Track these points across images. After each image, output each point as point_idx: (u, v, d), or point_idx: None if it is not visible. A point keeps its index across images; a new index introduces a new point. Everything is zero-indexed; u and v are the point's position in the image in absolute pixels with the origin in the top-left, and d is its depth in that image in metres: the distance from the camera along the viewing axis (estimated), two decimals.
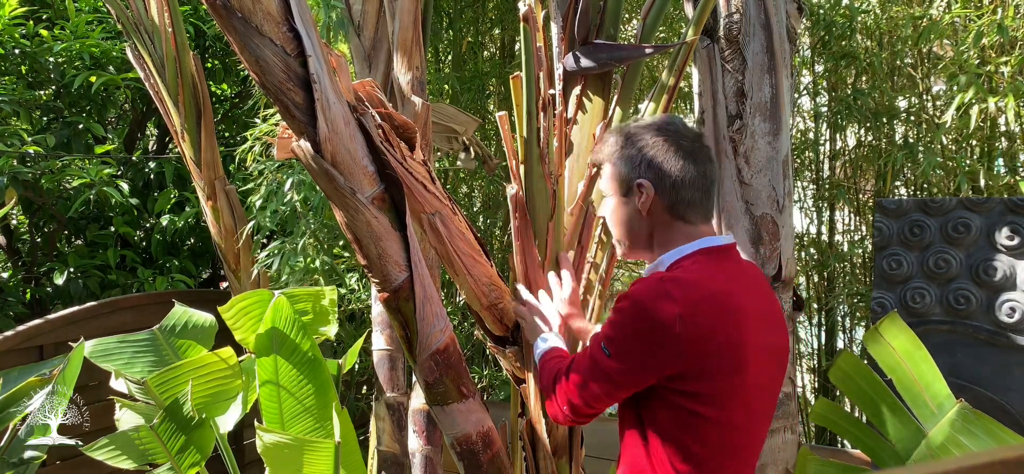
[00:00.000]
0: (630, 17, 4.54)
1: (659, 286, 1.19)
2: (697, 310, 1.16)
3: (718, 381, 1.19)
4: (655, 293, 1.18)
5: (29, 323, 2.97)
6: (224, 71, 4.61)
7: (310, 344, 2.04)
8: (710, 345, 1.17)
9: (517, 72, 1.55)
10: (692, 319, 1.15)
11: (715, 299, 1.19)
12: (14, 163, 3.43)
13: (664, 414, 1.23)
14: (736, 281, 1.26)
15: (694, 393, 1.19)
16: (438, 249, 1.58)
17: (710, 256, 1.27)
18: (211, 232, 3.43)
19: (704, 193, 1.29)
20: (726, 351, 1.18)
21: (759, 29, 2.18)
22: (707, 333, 1.17)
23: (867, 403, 1.82)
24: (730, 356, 1.19)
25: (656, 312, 1.16)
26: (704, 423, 1.20)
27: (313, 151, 1.30)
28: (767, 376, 1.28)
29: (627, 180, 1.31)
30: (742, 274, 1.29)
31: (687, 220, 1.29)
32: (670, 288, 1.17)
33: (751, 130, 2.19)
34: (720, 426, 1.21)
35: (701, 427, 1.21)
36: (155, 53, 3.20)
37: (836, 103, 3.78)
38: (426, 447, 2.67)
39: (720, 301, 1.19)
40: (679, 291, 1.17)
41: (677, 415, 1.22)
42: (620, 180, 1.32)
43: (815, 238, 4.13)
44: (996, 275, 2.40)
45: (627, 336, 1.21)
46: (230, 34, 1.20)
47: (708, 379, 1.18)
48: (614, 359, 1.23)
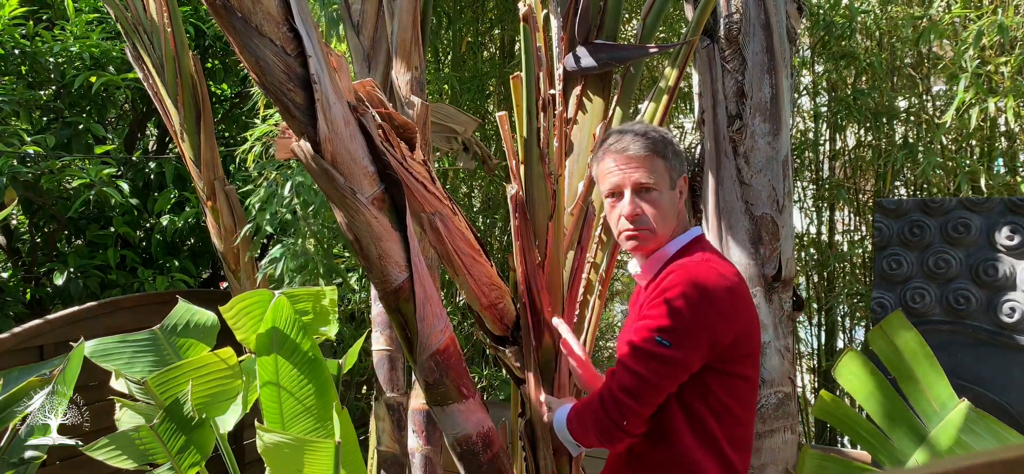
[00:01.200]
0: (630, 17, 4.53)
1: (707, 267, 1.33)
2: (739, 280, 1.35)
3: (755, 342, 1.38)
4: (709, 274, 1.32)
5: (29, 323, 2.97)
6: (224, 71, 4.61)
7: (310, 344, 2.04)
8: (751, 311, 1.37)
9: (517, 72, 1.55)
10: (739, 289, 1.34)
11: (734, 273, 1.37)
12: (14, 163, 3.43)
13: (717, 387, 1.35)
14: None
15: (746, 355, 1.36)
16: (438, 249, 1.58)
17: (704, 241, 1.46)
18: (211, 232, 3.43)
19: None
20: (754, 316, 1.39)
21: (759, 29, 2.18)
22: (748, 299, 1.36)
23: (870, 401, 1.82)
24: (756, 320, 1.40)
25: (716, 289, 1.30)
26: (745, 384, 1.37)
27: (313, 151, 1.30)
28: None
29: (679, 172, 1.46)
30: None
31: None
32: (717, 266, 1.34)
33: (751, 130, 2.19)
34: (752, 384, 1.40)
35: (742, 389, 1.37)
36: (154, 53, 3.20)
37: (836, 103, 3.78)
38: (426, 447, 2.67)
39: (736, 273, 1.38)
40: (723, 267, 1.35)
41: (729, 384, 1.35)
42: (667, 171, 1.44)
43: (815, 238, 4.13)
44: (996, 275, 2.40)
45: (690, 318, 1.30)
46: (230, 34, 1.20)
47: (751, 342, 1.36)
48: (677, 346, 1.30)
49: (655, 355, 1.30)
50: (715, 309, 1.29)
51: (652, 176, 1.42)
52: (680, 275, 1.30)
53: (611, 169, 1.44)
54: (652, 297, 1.35)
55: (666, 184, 1.43)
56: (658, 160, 1.42)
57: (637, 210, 1.41)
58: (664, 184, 1.43)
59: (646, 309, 1.36)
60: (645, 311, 1.36)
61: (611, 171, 1.44)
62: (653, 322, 1.31)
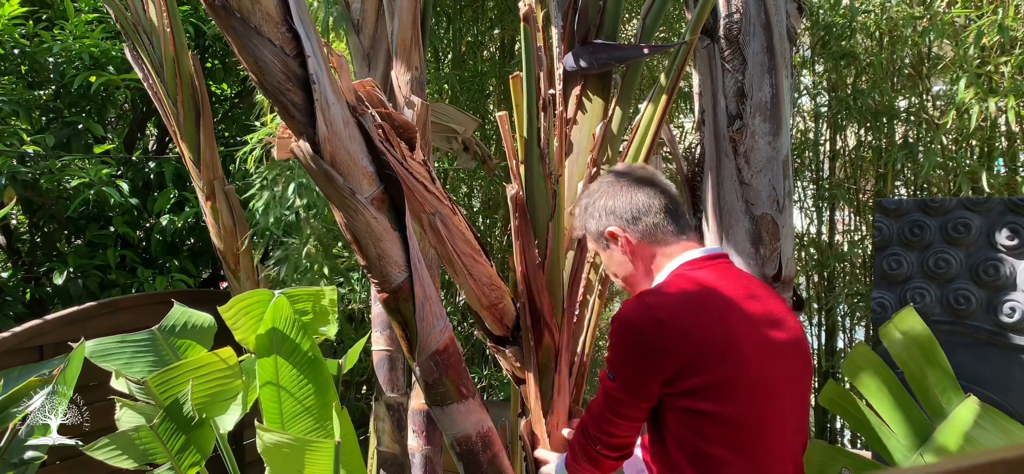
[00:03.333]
0: (630, 17, 4.53)
1: (638, 301, 1.31)
2: (675, 309, 1.27)
3: (711, 372, 1.24)
4: (636, 308, 1.30)
5: (29, 323, 2.96)
6: (224, 71, 4.61)
7: (310, 344, 2.04)
8: (696, 338, 1.25)
9: (517, 72, 1.55)
10: (671, 319, 1.26)
11: (694, 297, 1.29)
12: (14, 163, 3.43)
13: (673, 421, 1.30)
14: (722, 281, 1.33)
15: (693, 390, 1.25)
16: (438, 249, 1.58)
17: (691, 265, 1.36)
18: (210, 232, 3.43)
19: (666, 213, 1.41)
20: (715, 343, 1.25)
21: (759, 29, 2.18)
22: (690, 327, 1.25)
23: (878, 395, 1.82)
24: (720, 348, 1.25)
25: (640, 323, 1.28)
26: (709, 421, 1.25)
27: (312, 151, 1.29)
28: (775, 369, 1.30)
29: (599, 234, 1.45)
30: (729, 275, 1.37)
31: (662, 242, 1.40)
32: (648, 299, 1.31)
33: (751, 130, 2.18)
34: (724, 421, 1.24)
35: (706, 426, 1.25)
36: (154, 54, 3.20)
37: (836, 103, 3.78)
38: (426, 447, 2.67)
39: (700, 298, 1.29)
40: (656, 299, 1.31)
41: (685, 419, 1.27)
42: (595, 237, 1.47)
43: (815, 238, 4.13)
44: (996, 275, 2.40)
45: (623, 354, 1.31)
46: (229, 34, 1.20)
47: (701, 372, 1.24)
48: (618, 380, 1.33)
49: (606, 389, 1.36)
50: (647, 345, 1.27)
51: (595, 246, 1.50)
52: (618, 313, 1.33)
53: None
54: None
55: (600, 246, 1.48)
56: (589, 231, 1.49)
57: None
58: (600, 246, 1.48)
59: None
60: None
61: None
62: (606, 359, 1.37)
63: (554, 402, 1.73)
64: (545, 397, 1.73)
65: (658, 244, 1.40)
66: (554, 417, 1.74)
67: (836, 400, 1.93)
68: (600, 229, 1.45)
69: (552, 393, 1.72)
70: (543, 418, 1.72)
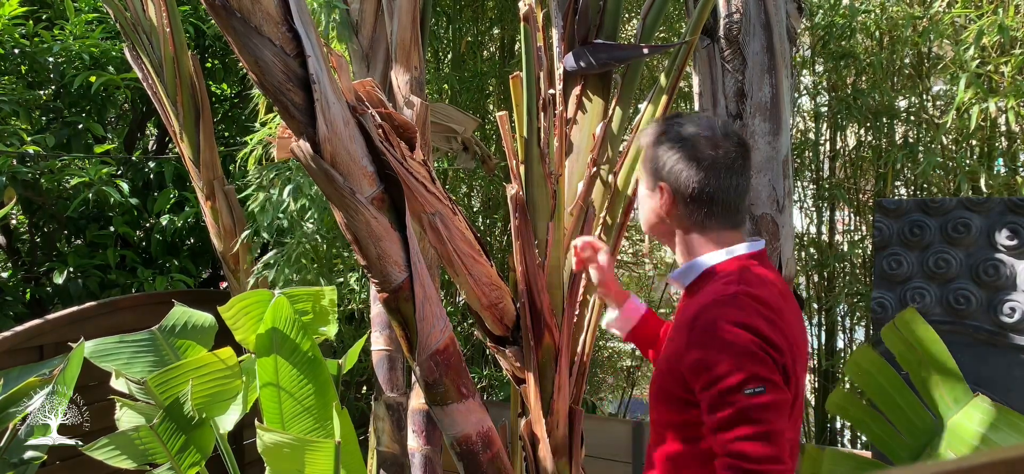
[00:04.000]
0: (630, 17, 4.53)
1: (735, 300, 1.18)
2: (771, 307, 1.19)
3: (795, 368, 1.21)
4: (742, 307, 1.17)
5: (29, 323, 2.96)
6: (224, 71, 4.61)
7: (310, 344, 2.04)
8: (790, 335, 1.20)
9: (517, 72, 1.55)
10: (775, 317, 1.18)
11: (774, 294, 1.22)
12: (14, 163, 3.43)
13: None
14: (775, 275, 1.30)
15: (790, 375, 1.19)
16: (438, 249, 1.58)
17: (752, 259, 1.28)
18: (210, 232, 3.43)
19: (725, 206, 1.27)
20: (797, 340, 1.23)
21: (759, 29, 2.18)
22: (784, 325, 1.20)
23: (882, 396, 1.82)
24: (800, 344, 1.25)
25: (757, 322, 1.16)
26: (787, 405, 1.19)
27: (312, 151, 1.29)
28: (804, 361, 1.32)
29: (652, 178, 1.32)
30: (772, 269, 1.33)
31: (709, 228, 1.29)
32: (743, 298, 1.18)
33: (751, 130, 2.19)
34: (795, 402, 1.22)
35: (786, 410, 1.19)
36: (153, 54, 3.20)
37: (836, 103, 3.78)
38: (426, 447, 2.67)
39: (777, 294, 1.23)
40: (749, 296, 1.19)
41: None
42: (648, 174, 1.33)
43: (815, 238, 4.13)
44: (996, 275, 2.40)
45: (755, 357, 1.15)
46: (229, 34, 1.20)
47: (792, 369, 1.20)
48: (769, 390, 1.13)
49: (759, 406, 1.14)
50: (764, 343, 1.15)
51: (640, 168, 1.35)
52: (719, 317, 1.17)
53: None
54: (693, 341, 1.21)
55: (646, 182, 1.33)
56: (647, 154, 1.32)
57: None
58: (645, 181, 1.34)
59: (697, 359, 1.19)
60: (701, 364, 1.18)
61: None
62: (726, 381, 1.14)
63: (554, 402, 1.73)
64: (545, 397, 1.73)
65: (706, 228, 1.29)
66: (554, 417, 1.74)
67: (843, 406, 1.93)
68: (655, 174, 1.31)
69: (552, 393, 1.72)
70: (543, 418, 1.72)
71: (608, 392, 5.46)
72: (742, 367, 1.13)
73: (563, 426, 1.76)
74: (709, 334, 1.17)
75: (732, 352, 1.14)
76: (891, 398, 1.81)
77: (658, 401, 1.30)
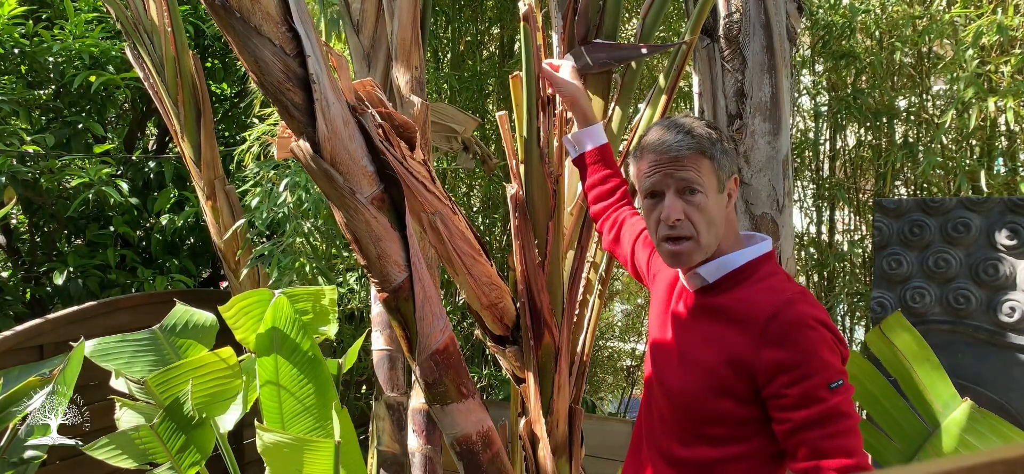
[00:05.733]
0: (630, 17, 4.53)
1: (804, 298, 1.20)
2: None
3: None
4: (813, 306, 1.19)
5: (29, 323, 2.96)
6: (224, 71, 4.61)
7: (310, 344, 2.04)
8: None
9: (517, 72, 1.55)
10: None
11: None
12: (13, 162, 3.43)
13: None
14: None
15: None
16: (438, 249, 1.58)
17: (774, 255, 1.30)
18: (211, 232, 3.43)
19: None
20: None
21: (759, 29, 2.18)
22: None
23: (872, 403, 1.82)
24: None
25: (828, 319, 1.19)
26: None
27: (312, 151, 1.29)
28: None
29: (728, 173, 1.28)
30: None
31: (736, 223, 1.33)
32: (806, 296, 1.21)
33: (751, 130, 2.19)
34: None
35: None
36: (154, 53, 3.20)
37: (836, 103, 3.78)
38: (426, 447, 2.67)
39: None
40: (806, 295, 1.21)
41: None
42: (723, 173, 1.27)
43: (815, 238, 4.13)
44: (996, 275, 2.40)
45: (835, 356, 1.17)
46: (229, 34, 1.20)
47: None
48: (846, 382, 1.15)
49: (846, 408, 1.14)
50: (835, 335, 1.18)
51: (696, 176, 1.24)
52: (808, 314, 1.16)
53: (649, 168, 1.27)
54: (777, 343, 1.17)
55: (712, 186, 1.25)
56: (703, 159, 1.24)
57: (679, 214, 1.23)
58: (710, 186, 1.25)
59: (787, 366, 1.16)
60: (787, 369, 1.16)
61: (649, 171, 1.27)
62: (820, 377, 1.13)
63: (554, 401, 1.73)
64: (545, 396, 1.73)
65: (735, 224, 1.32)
66: (553, 417, 1.74)
67: None
68: (729, 170, 1.27)
69: (552, 392, 1.72)
70: (543, 418, 1.72)
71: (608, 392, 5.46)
72: (828, 364, 1.14)
73: (563, 425, 1.76)
74: (792, 332, 1.15)
75: (819, 350, 1.14)
76: (880, 405, 1.81)
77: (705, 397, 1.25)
